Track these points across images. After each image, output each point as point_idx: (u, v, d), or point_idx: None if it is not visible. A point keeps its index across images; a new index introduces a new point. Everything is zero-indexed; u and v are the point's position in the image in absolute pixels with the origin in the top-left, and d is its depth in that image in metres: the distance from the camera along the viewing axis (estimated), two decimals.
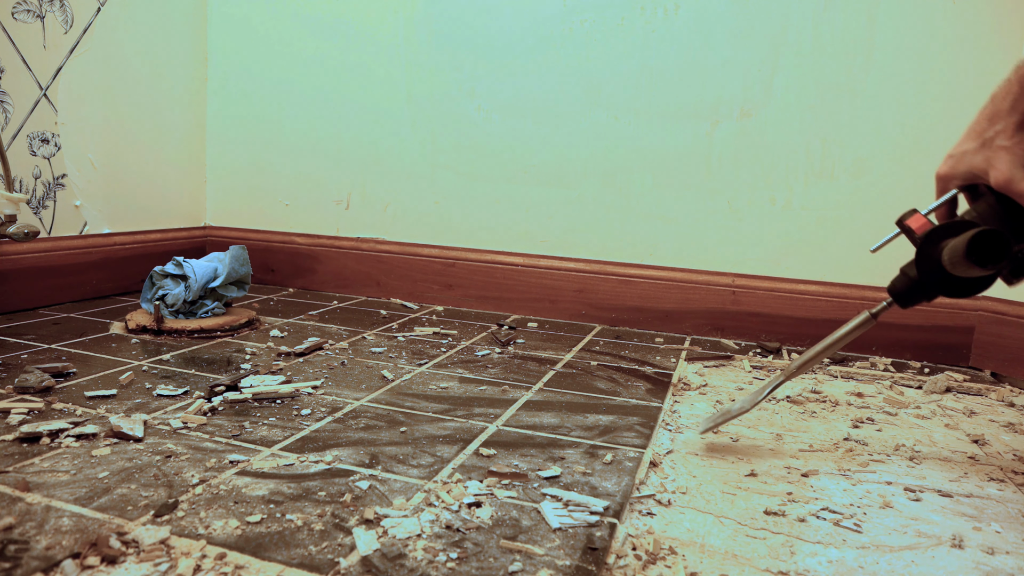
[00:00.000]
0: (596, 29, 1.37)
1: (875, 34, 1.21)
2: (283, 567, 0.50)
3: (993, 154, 0.62)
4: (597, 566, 0.52)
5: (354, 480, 0.65)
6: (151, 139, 1.52)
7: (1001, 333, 1.17)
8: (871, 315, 0.74)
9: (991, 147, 0.63)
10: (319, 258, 1.61)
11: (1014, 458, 0.81)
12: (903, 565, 0.56)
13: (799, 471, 0.73)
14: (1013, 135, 0.61)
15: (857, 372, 1.14)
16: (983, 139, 0.64)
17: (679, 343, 1.29)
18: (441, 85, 1.48)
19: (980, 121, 0.64)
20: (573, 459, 0.72)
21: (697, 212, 1.35)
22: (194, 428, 0.75)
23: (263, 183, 1.65)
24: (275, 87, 1.61)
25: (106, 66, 1.39)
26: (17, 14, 1.21)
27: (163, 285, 1.20)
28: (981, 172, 0.64)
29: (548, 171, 1.43)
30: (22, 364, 0.93)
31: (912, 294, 0.70)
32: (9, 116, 1.22)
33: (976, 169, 0.64)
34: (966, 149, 0.65)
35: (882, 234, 0.77)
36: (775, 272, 1.31)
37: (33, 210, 1.28)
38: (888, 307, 0.73)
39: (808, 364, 0.77)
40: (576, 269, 1.43)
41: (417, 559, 0.52)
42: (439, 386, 0.95)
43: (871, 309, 0.74)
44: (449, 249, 1.52)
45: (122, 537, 0.52)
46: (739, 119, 1.30)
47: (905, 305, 0.72)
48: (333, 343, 1.14)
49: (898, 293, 0.72)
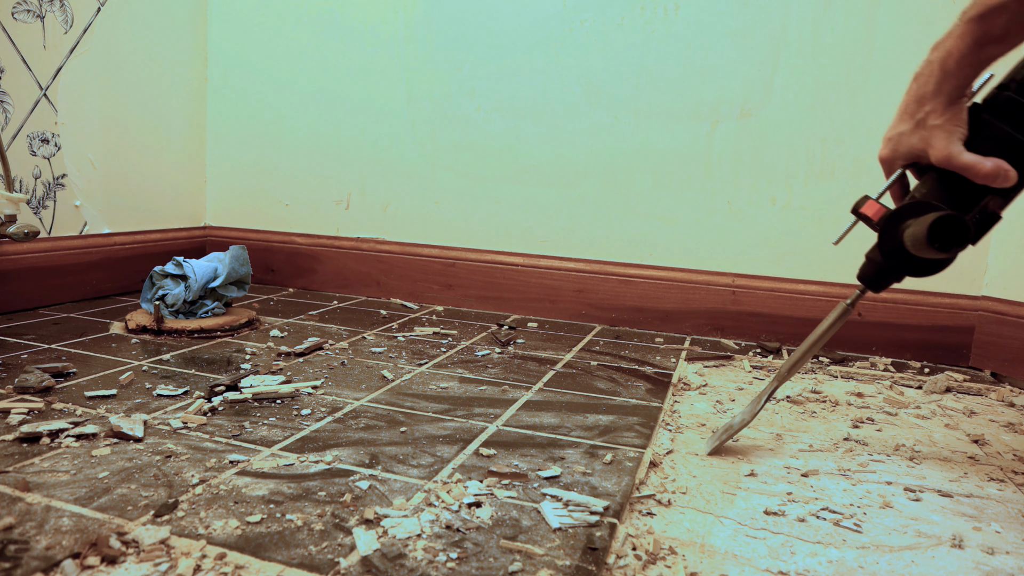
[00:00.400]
0: (596, 29, 1.37)
1: (875, 34, 1.21)
2: (283, 567, 0.50)
3: (928, 133, 0.65)
4: (597, 566, 0.52)
5: (354, 480, 0.65)
6: (151, 139, 1.52)
7: (1001, 333, 1.17)
8: (848, 304, 0.75)
9: (925, 127, 0.66)
10: (319, 258, 1.61)
11: (1014, 458, 0.81)
12: (903, 565, 0.56)
13: (799, 471, 0.73)
14: (943, 113, 0.64)
15: (857, 372, 1.14)
16: (915, 120, 0.66)
17: (679, 343, 1.29)
18: (441, 85, 1.48)
19: (909, 103, 0.67)
20: (573, 459, 0.72)
21: (697, 212, 1.35)
22: (194, 428, 0.75)
23: (263, 183, 1.65)
24: (275, 87, 1.61)
25: (106, 66, 1.39)
26: (17, 14, 1.21)
27: (163, 285, 1.20)
28: (920, 151, 0.67)
29: (548, 171, 1.43)
30: (22, 364, 0.93)
31: (880, 278, 0.72)
32: (9, 116, 1.22)
33: (915, 149, 0.67)
34: (902, 131, 0.68)
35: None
36: (775, 272, 1.31)
37: (33, 210, 1.28)
38: (862, 294, 0.75)
39: (798, 364, 0.78)
40: (576, 269, 1.43)
41: (417, 559, 0.52)
42: (439, 386, 0.95)
43: (846, 300, 0.75)
44: (449, 249, 1.52)
45: (122, 537, 0.52)
46: (739, 119, 1.30)
47: (877, 289, 0.73)
48: (333, 343, 1.14)
49: (868, 279, 0.73)
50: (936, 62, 0.64)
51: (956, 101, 0.64)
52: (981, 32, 0.60)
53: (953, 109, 0.64)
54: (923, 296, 1.23)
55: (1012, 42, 0.61)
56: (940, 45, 0.64)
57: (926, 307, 1.23)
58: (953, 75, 0.63)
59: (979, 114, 0.65)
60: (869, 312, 1.25)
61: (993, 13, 0.59)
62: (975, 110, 0.66)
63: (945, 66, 0.63)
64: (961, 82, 0.63)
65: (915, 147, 0.67)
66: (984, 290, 1.21)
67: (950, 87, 0.63)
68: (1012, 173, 0.63)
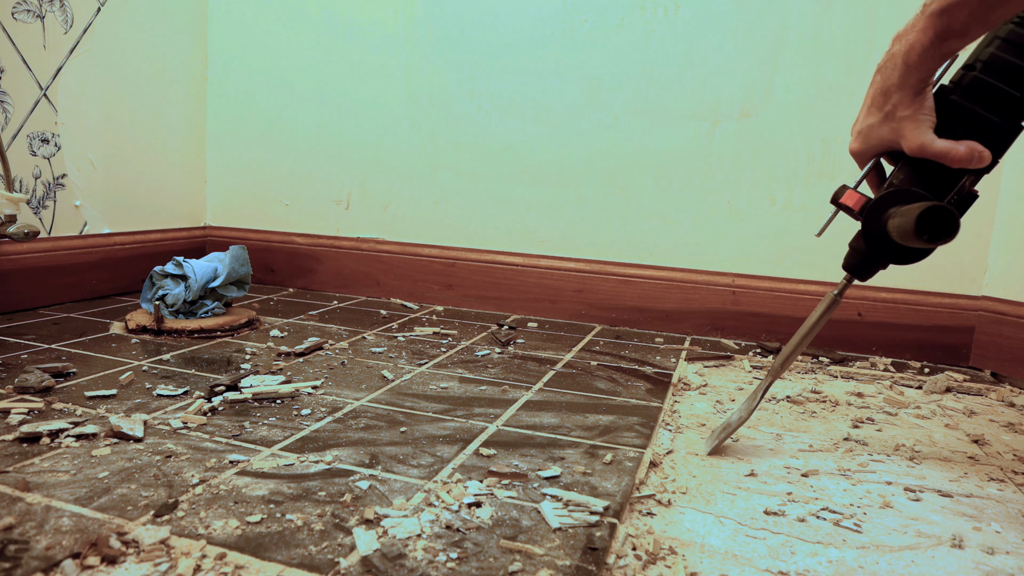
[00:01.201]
0: (596, 29, 1.37)
1: (875, 34, 1.21)
2: (283, 567, 0.50)
3: (898, 124, 0.66)
4: (597, 566, 0.52)
5: (354, 480, 0.65)
6: (151, 139, 1.52)
7: (1001, 333, 1.17)
8: (835, 295, 0.75)
9: (894, 119, 0.66)
10: (319, 258, 1.61)
11: (1014, 458, 0.81)
12: (903, 565, 0.56)
13: (799, 471, 0.73)
14: (911, 104, 0.65)
15: (857, 372, 1.14)
16: (883, 112, 0.67)
17: (679, 343, 1.29)
18: (441, 85, 1.48)
19: (876, 96, 0.67)
20: (573, 459, 0.72)
21: (697, 212, 1.35)
22: (194, 428, 0.75)
23: (263, 183, 1.65)
24: (275, 87, 1.61)
25: (106, 66, 1.39)
26: (17, 14, 1.21)
27: (163, 285, 1.20)
28: (892, 143, 0.67)
29: (548, 171, 1.43)
30: (22, 364, 0.93)
31: (866, 266, 0.72)
32: (9, 116, 1.22)
33: (886, 140, 0.68)
34: (871, 123, 0.68)
35: None
36: (775, 272, 1.31)
37: (33, 210, 1.28)
38: (848, 284, 0.74)
39: (789, 359, 0.77)
40: (576, 269, 1.43)
41: (417, 559, 0.52)
42: (439, 386, 0.95)
43: (833, 291, 0.75)
44: (449, 249, 1.52)
45: (122, 537, 0.52)
46: (739, 119, 1.30)
47: (863, 278, 0.73)
48: (333, 343, 1.14)
49: (854, 267, 0.73)
50: (899, 55, 0.64)
51: (921, 91, 0.65)
52: (943, 26, 0.60)
53: (919, 99, 0.65)
54: (923, 296, 1.23)
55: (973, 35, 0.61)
56: (902, 37, 0.65)
57: (926, 307, 1.23)
58: (916, 68, 0.63)
59: (947, 96, 0.66)
60: (869, 312, 1.25)
61: (954, 8, 0.59)
62: (942, 93, 0.66)
63: (908, 59, 0.63)
64: (924, 74, 0.64)
65: (886, 138, 0.67)
66: (984, 290, 1.21)
67: (914, 79, 0.64)
68: (986, 154, 0.64)
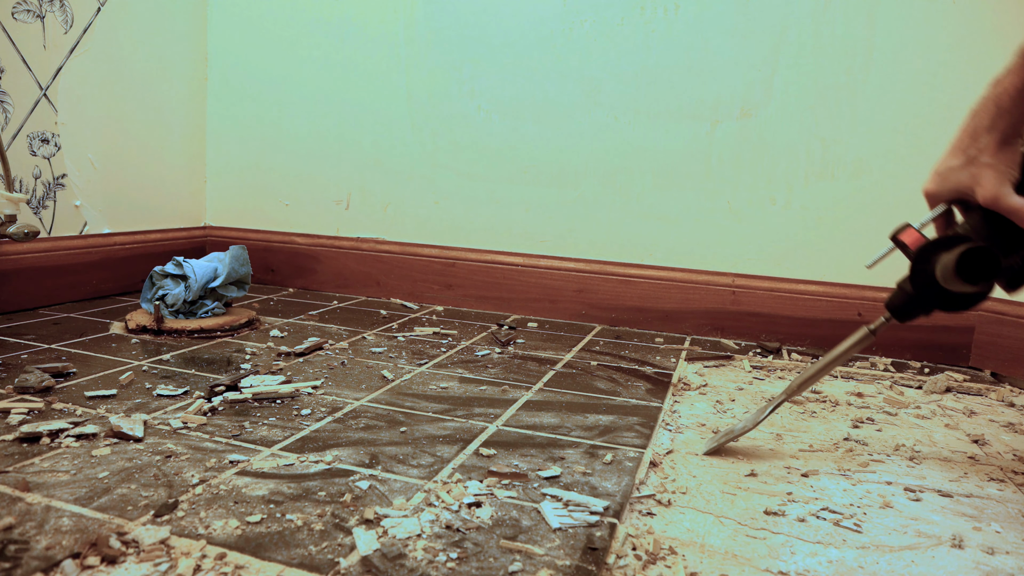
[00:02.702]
0: (596, 29, 1.37)
1: (875, 34, 1.21)
2: (283, 567, 0.50)
3: (978, 171, 0.64)
4: (597, 566, 0.52)
5: (354, 480, 0.65)
6: (151, 139, 1.52)
7: (1001, 333, 1.17)
8: (870, 331, 0.74)
9: (976, 164, 0.64)
10: (319, 258, 1.61)
11: (1014, 458, 0.81)
12: (903, 565, 0.56)
13: (799, 471, 0.73)
14: (996, 152, 0.63)
15: (857, 372, 1.14)
16: (967, 156, 0.65)
17: (679, 343, 1.29)
18: (441, 85, 1.48)
19: (963, 138, 0.65)
20: (573, 459, 0.72)
21: (697, 212, 1.35)
22: (194, 428, 0.75)
23: (263, 183, 1.65)
24: (275, 87, 1.61)
25: (106, 66, 1.39)
26: (17, 14, 1.21)
27: (163, 285, 1.20)
28: (967, 189, 0.65)
29: (548, 171, 1.43)
30: (22, 364, 0.93)
31: (909, 309, 0.71)
32: (9, 116, 1.22)
33: (962, 186, 0.66)
34: (951, 165, 0.66)
35: (882, 234, 0.77)
36: (775, 272, 1.31)
37: (33, 210, 1.28)
38: (887, 322, 0.73)
39: (810, 381, 0.77)
40: (576, 269, 1.43)
41: (417, 559, 0.52)
42: (439, 386, 0.95)
43: (870, 325, 0.74)
44: (449, 249, 1.52)
45: (122, 537, 0.52)
46: (739, 119, 1.30)
47: (903, 320, 0.72)
48: (333, 343, 1.14)
49: (896, 308, 0.72)
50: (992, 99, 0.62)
51: (1010, 141, 0.62)
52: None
53: (1006, 149, 0.62)
54: None
55: None
56: (999, 81, 0.62)
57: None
58: (1008, 112, 0.61)
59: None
60: (869, 312, 1.25)
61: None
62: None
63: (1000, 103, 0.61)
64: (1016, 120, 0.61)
65: (963, 183, 0.65)
66: None
67: (1004, 124, 0.61)
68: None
